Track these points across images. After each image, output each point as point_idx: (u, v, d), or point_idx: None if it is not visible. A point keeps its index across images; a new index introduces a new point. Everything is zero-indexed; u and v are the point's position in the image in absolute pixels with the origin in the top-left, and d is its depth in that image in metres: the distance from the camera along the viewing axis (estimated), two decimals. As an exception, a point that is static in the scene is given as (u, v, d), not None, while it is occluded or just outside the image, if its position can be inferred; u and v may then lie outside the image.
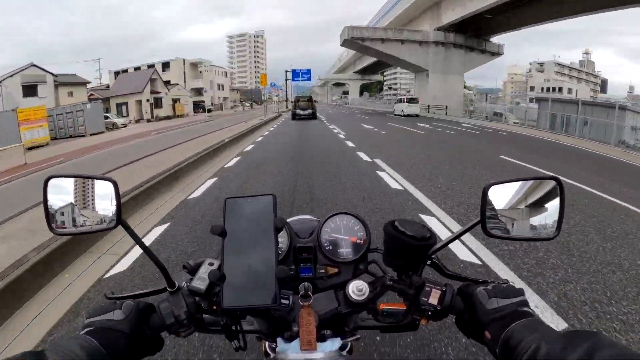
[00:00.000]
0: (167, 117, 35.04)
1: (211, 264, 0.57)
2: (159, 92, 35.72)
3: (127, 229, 0.53)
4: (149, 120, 32.44)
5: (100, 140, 17.37)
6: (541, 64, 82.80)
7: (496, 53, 32.77)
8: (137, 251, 2.96)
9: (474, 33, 30.72)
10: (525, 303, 0.50)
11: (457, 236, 0.57)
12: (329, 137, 12.65)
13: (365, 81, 69.91)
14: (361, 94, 70.53)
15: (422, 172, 6.30)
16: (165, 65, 47.84)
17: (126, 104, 33.22)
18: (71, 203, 0.55)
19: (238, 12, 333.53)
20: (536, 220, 0.54)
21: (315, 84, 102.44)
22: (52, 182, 0.54)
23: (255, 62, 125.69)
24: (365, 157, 7.84)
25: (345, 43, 31.04)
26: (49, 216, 0.54)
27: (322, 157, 8.16)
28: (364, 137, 12.41)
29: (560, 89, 64.95)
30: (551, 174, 0.55)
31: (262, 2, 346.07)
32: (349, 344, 0.64)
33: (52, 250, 2.76)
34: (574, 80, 78.02)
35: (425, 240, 0.56)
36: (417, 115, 24.54)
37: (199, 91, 50.11)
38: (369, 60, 53.38)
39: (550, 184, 0.54)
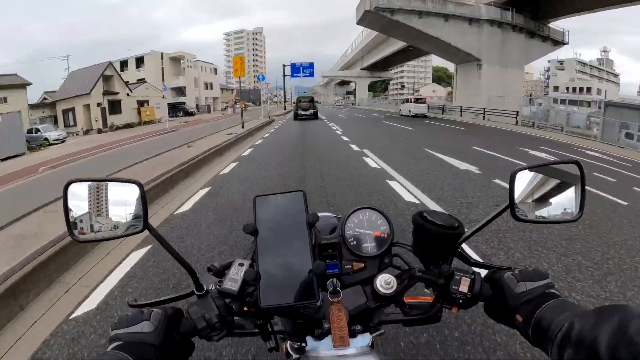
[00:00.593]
0: (129, 125, 26.89)
1: (241, 265, 0.54)
2: (116, 93, 27.43)
3: (154, 233, 0.51)
4: (100, 131, 24.38)
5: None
6: (561, 62, 75.72)
7: (560, 42, 24.87)
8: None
9: (531, 14, 22.90)
10: (552, 285, 0.51)
11: (486, 223, 0.56)
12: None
13: (375, 79, 61.19)
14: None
15: None
16: (140, 61, 39.48)
17: (73, 109, 25.29)
18: (94, 208, 0.51)
19: (238, 12, 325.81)
20: (560, 203, 0.55)
21: (318, 84, 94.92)
22: (72, 187, 0.51)
23: (254, 60, 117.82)
24: None
25: (366, 18, 22.38)
26: (70, 223, 0.50)
27: None
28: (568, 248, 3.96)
29: (588, 89, 58.08)
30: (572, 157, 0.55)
31: (263, 2, 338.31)
32: (371, 339, 0.64)
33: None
34: (595, 79, 71.02)
35: (454, 229, 0.56)
36: (425, 116, 22.55)
37: (180, 91, 42.22)
38: (380, 53, 45.03)
39: (571, 168, 0.55)
